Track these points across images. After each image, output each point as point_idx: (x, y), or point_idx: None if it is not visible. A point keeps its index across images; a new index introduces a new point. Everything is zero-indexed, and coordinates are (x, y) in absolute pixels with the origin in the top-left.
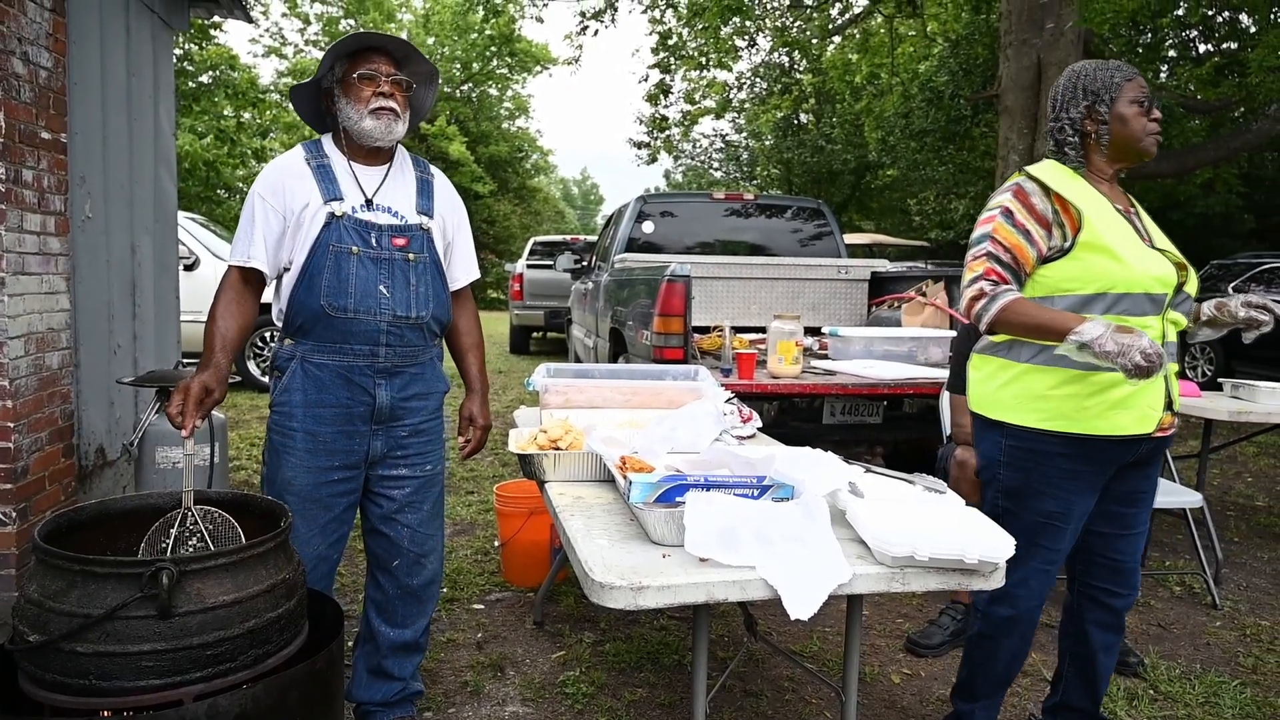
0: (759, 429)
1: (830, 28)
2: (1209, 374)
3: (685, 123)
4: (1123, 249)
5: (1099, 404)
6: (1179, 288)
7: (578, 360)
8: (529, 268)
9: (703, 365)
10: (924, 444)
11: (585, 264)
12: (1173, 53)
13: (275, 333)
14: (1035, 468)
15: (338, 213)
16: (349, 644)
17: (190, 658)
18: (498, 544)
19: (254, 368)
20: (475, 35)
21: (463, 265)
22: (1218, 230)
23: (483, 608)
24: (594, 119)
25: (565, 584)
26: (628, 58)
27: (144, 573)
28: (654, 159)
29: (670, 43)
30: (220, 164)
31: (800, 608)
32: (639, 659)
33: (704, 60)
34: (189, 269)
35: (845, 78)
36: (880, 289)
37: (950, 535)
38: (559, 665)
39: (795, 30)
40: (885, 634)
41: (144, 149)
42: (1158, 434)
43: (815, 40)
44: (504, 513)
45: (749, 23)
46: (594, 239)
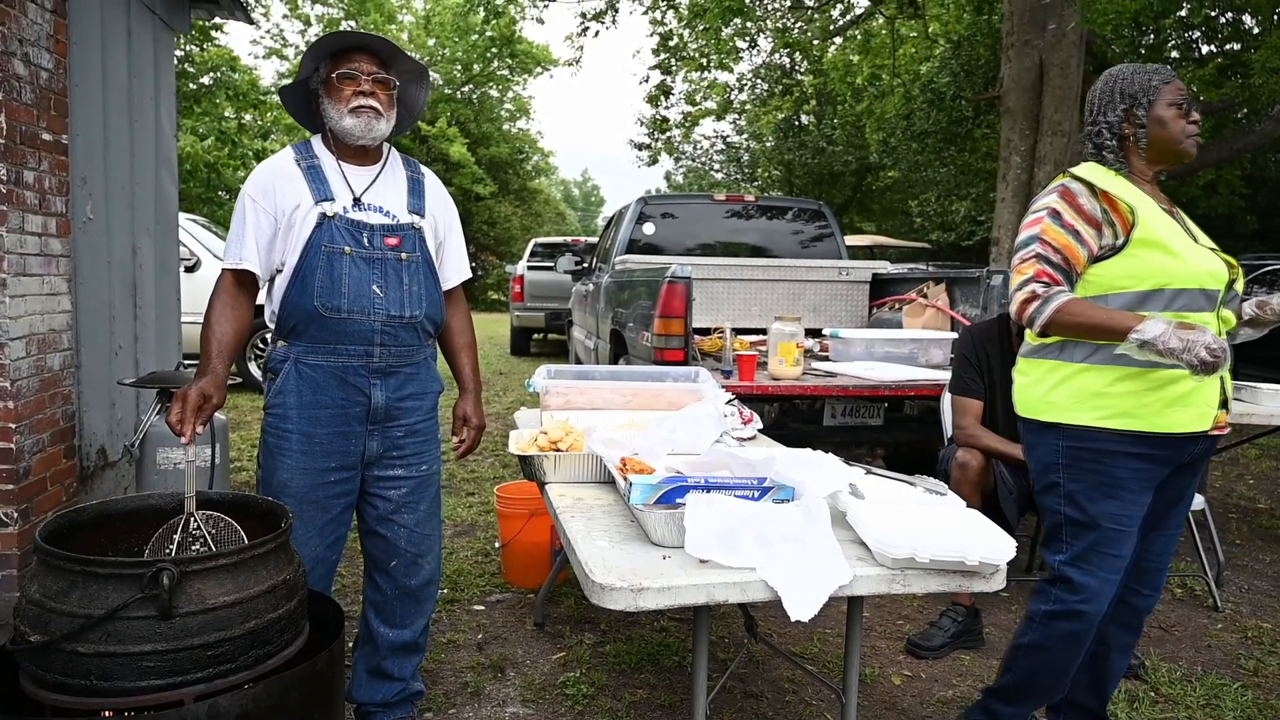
0: (759, 430)
1: (831, 29)
2: None
3: (686, 124)
4: (1176, 244)
5: (1158, 401)
6: (1229, 285)
7: (578, 362)
8: (530, 269)
9: (703, 367)
10: (925, 446)
11: (586, 265)
12: (1175, 54)
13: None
14: (1098, 469)
15: (329, 213)
16: (349, 645)
17: (191, 658)
18: (498, 545)
19: (255, 369)
20: (476, 36)
21: (454, 265)
22: (1220, 232)
23: (483, 609)
24: (595, 120)
25: (566, 585)
26: (628, 59)
27: (145, 573)
28: (655, 160)
29: (671, 44)
30: (221, 165)
31: (800, 609)
32: (639, 660)
33: (705, 61)
34: (190, 270)
35: (846, 79)
36: (881, 291)
37: (951, 537)
38: (559, 666)
39: (796, 31)
40: (886, 636)
41: (145, 150)
42: (1213, 431)
43: (816, 41)
44: (504, 514)
45: (750, 24)
46: (595, 240)
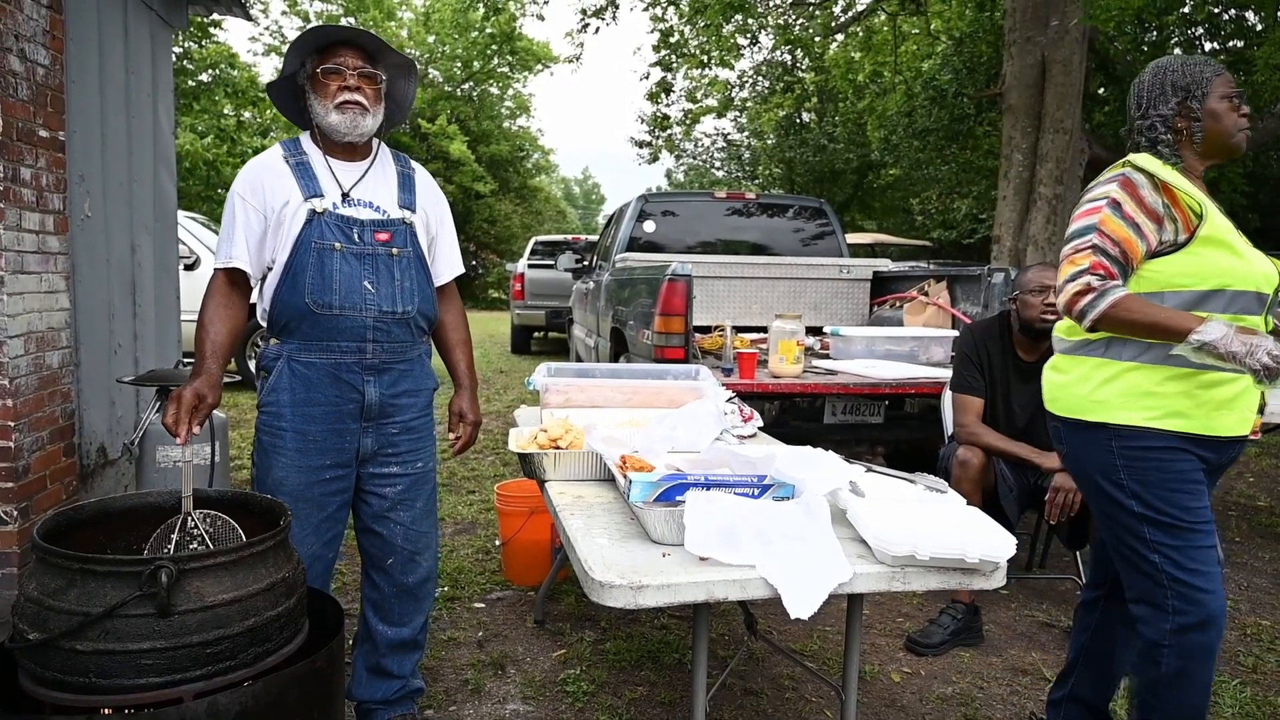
0: (760, 428)
1: (833, 25)
2: None
3: (687, 121)
4: (1240, 245)
5: (1209, 402)
6: (1277, 289)
7: (579, 360)
8: (530, 267)
9: (704, 365)
10: (925, 444)
11: (586, 263)
12: (1178, 50)
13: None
14: (1159, 465)
15: (319, 209)
16: (349, 643)
17: (190, 656)
18: (498, 543)
19: (255, 367)
20: (476, 33)
21: (447, 260)
22: None
23: (483, 606)
24: (595, 118)
25: (566, 583)
26: (629, 56)
27: (143, 571)
28: (655, 158)
29: (672, 40)
30: (220, 163)
31: (800, 607)
32: (639, 657)
33: (706, 58)
34: (189, 268)
35: (848, 76)
36: (882, 288)
37: (951, 534)
38: (560, 664)
39: (798, 28)
40: (885, 633)
41: (143, 148)
42: (1251, 435)
43: (818, 38)
44: (505, 512)
45: (751, 20)
46: (595, 238)
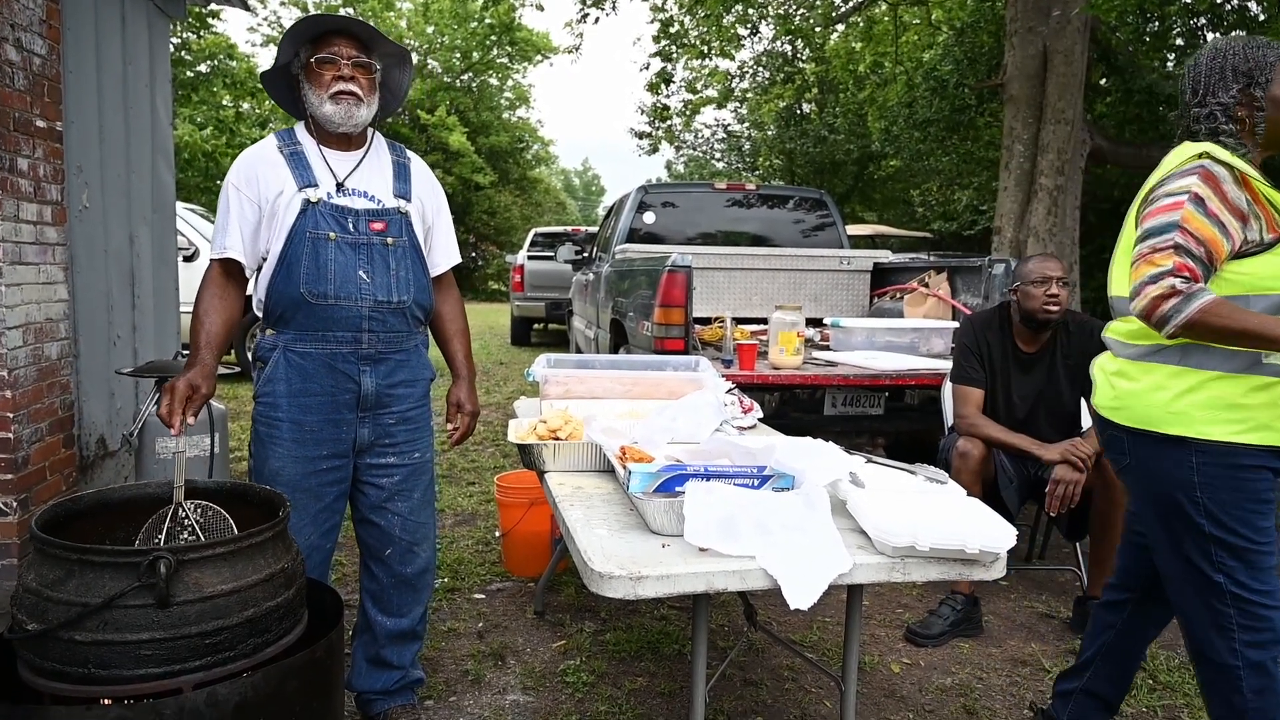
0: (760, 420)
1: (834, 16)
2: None
3: (687, 112)
4: None
5: None
6: None
7: (579, 351)
8: (530, 259)
9: (704, 356)
10: (926, 435)
11: (586, 255)
12: (1180, 41)
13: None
14: (1238, 485)
15: (313, 199)
16: (348, 633)
17: (189, 646)
18: (498, 534)
19: (252, 358)
20: (475, 24)
21: (443, 250)
22: None
23: (483, 597)
24: (595, 109)
25: (566, 574)
26: (629, 46)
27: (142, 562)
28: (655, 149)
29: (672, 31)
30: (219, 154)
31: (800, 598)
32: (639, 648)
33: (706, 49)
34: (188, 260)
35: (848, 67)
36: (882, 280)
37: (951, 525)
38: (559, 654)
39: (798, 18)
40: (885, 624)
41: (141, 139)
42: None
43: (818, 28)
44: (504, 503)
45: (751, 10)
46: (595, 230)
